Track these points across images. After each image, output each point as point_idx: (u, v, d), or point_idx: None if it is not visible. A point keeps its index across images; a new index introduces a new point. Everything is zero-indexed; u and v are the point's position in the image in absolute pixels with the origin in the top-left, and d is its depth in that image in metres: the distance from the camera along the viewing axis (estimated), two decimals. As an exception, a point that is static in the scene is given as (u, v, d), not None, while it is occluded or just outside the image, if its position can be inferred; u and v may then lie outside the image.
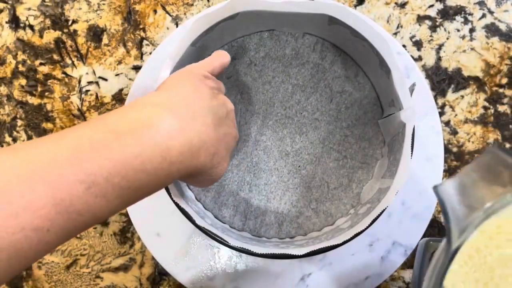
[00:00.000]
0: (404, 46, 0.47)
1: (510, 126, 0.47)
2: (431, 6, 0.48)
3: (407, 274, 0.46)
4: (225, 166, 0.33)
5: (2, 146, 0.48)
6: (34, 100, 0.48)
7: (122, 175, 0.25)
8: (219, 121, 0.32)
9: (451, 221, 0.24)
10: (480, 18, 0.47)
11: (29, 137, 0.48)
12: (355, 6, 0.48)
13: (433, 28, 0.48)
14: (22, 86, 0.48)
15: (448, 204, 0.24)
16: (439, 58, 0.47)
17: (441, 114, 0.47)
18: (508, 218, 0.25)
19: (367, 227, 0.36)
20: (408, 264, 0.46)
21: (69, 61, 0.48)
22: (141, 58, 0.48)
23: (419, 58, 0.47)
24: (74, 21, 0.48)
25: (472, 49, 0.47)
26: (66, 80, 0.48)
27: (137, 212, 0.45)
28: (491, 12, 0.47)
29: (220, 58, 0.37)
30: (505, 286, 0.25)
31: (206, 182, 0.33)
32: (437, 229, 0.46)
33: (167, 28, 0.48)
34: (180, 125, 0.28)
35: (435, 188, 0.25)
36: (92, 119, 0.27)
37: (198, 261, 0.45)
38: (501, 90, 0.47)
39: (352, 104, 0.43)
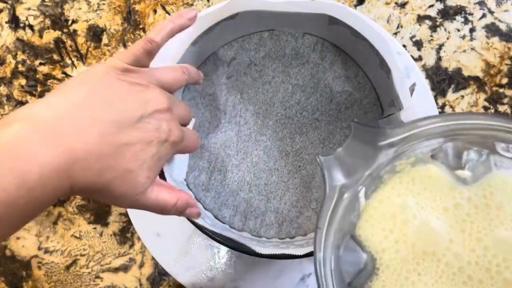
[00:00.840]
0: (404, 46, 0.47)
1: (510, 126, 0.47)
2: (431, 6, 0.48)
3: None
4: (138, 180, 0.29)
5: (2, 146, 0.48)
6: (34, 100, 0.48)
7: None
8: (124, 127, 0.28)
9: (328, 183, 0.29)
10: (480, 18, 0.47)
11: (29, 137, 0.48)
12: (355, 6, 0.48)
13: (433, 28, 0.48)
14: (22, 86, 0.48)
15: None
16: (439, 58, 0.47)
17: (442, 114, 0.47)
18: (408, 172, 0.30)
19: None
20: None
21: (69, 61, 0.48)
22: (141, 58, 0.48)
23: (419, 58, 0.47)
24: (74, 21, 0.48)
25: (472, 49, 0.47)
26: (66, 80, 0.48)
27: (137, 212, 0.45)
28: (491, 12, 0.47)
29: (141, 42, 0.31)
30: (407, 231, 0.28)
31: (116, 201, 0.29)
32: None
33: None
34: (45, 143, 0.25)
35: (318, 157, 0.30)
36: None
37: (198, 261, 0.45)
38: (501, 90, 0.47)
39: (352, 104, 0.43)
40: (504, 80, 0.47)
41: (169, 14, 0.48)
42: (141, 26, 0.48)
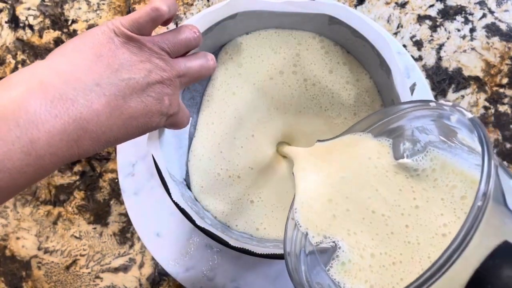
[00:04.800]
0: (404, 46, 0.47)
1: (511, 126, 0.47)
2: (432, 6, 0.48)
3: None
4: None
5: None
6: (33, 100, 0.48)
7: None
8: (129, 98, 0.27)
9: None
10: (480, 18, 0.47)
11: (29, 137, 0.48)
12: (356, 6, 0.48)
13: (434, 28, 0.47)
14: (22, 86, 0.48)
15: None
16: (439, 58, 0.47)
17: (442, 114, 0.47)
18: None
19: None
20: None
21: (68, 61, 0.48)
22: (141, 58, 0.48)
23: (420, 58, 0.47)
24: (73, 21, 0.48)
25: (473, 49, 0.47)
26: (66, 80, 0.48)
27: (137, 212, 0.45)
28: (491, 12, 0.47)
29: (146, 8, 0.29)
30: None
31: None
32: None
33: (167, 28, 0.48)
34: (54, 110, 0.24)
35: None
36: None
37: (198, 261, 0.45)
38: (501, 90, 0.47)
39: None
40: (505, 80, 0.47)
41: (169, 14, 0.48)
42: (141, 26, 0.48)
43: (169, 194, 0.37)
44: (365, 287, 0.27)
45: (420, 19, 0.48)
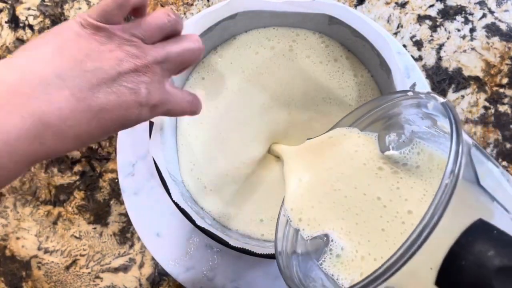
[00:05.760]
0: (404, 46, 0.47)
1: (511, 126, 0.47)
2: (432, 6, 0.48)
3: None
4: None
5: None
6: (33, 100, 0.48)
7: None
8: (97, 89, 0.25)
9: None
10: (480, 18, 0.47)
11: (29, 137, 0.48)
12: (356, 6, 0.48)
13: (434, 28, 0.47)
14: (22, 86, 0.48)
15: None
16: (439, 58, 0.47)
17: (442, 114, 0.47)
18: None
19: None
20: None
21: (68, 61, 0.48)
22: (141, 58, 0.48)
23: (420, 58, 0.47)
24: (73, 21, 0.48)
25: (473, 49, 0.47)
26: (66, 80, 0.48)
27: (137, 212, 0.45)
28: (491, 12, 0.47)
29: None
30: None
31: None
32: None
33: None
34: (10, 108, 0.23)
35: None
36: None
37: (198, 261, 0.45)
38: (501, 90, 0.47)
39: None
40: (505, 80, 0.47)
41: (169, 14, 0.48)
42: (141, 26, 0.48)
43: (169, 194, 0.37)
44: (360, 277, 0.27)
45: (420, 19, 0.48)
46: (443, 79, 0.47)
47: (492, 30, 0.47)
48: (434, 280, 0.21)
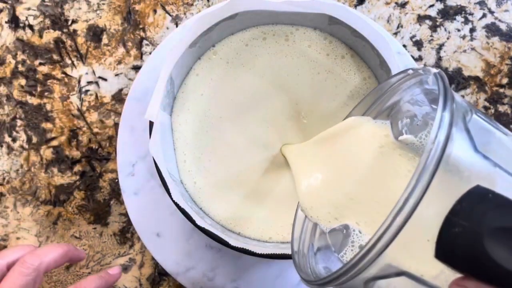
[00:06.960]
0: (404, 46, 0.47)
1: (511, 126, 0.47)
2: (432, 6, 0.48)
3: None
4: None
5: (1, 146, 0.47)
6: (33, 100, 0.48)
7: None
8: None
9: None
10: (480, 18, 0.47)
11: (29, 137, 0.47)
12: (355, 6, 0.48)
13: (434, 28, 0.47)
14: (22, 86, 0.48)
15: None
16: (439, 58, 0.47)
17: (442, 114, 0.47)
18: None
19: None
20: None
21: (68, 61, 0.48)
22: (141, 58, 0.48)
23: (420, 58, 0.47)
24: (73, 21, 0.48)
25: (473, 49, 0.47)
26: (66, 80, 0.48)
27: (137, 212, 0.45)
28: (491, 12, 0.47)
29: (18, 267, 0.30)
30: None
31: None
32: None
33: (167, 28, 0.48)
34: None
35: None
36: None
37: (198, 261, 0.45)
38: (501, 90, 0.47)
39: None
40: (505, 80, 0.47)
41: (169, 14, 0.48)
42: (141, 26, 0.48)
43: (169, 194, 0.37)
44: None
45: (420, 19, 0.48)
46: (443, 79, 0.47)
47: (492, 30, 0.47)
48: (434, 253, 0.20)
